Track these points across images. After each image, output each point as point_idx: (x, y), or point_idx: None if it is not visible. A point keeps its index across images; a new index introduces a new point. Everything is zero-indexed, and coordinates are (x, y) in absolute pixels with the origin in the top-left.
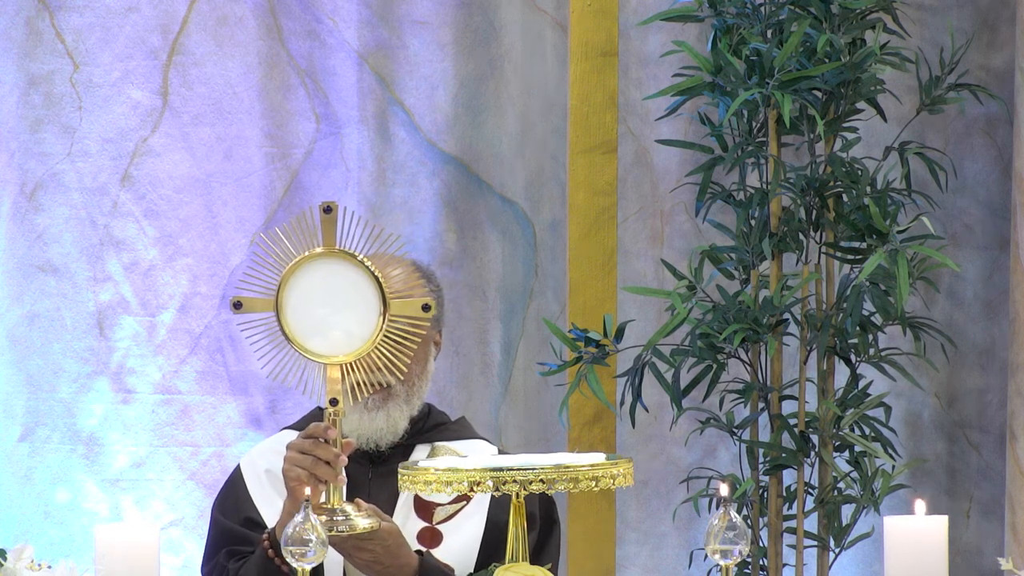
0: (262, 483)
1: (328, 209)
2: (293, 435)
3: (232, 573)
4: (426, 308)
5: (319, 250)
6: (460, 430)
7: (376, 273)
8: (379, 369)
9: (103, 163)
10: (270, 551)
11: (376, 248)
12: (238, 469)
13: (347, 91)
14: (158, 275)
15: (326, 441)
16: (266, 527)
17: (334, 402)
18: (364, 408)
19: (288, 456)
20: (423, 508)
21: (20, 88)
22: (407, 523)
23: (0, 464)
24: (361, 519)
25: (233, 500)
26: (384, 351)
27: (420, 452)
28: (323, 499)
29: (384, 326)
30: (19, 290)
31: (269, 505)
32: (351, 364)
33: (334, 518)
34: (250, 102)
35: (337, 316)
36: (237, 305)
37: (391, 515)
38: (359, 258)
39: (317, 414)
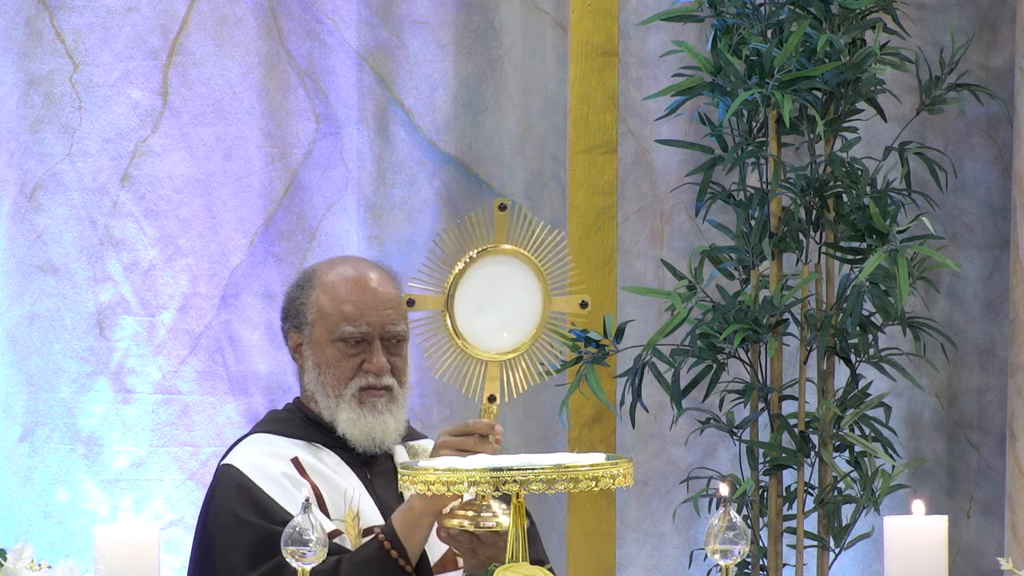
0: (283, 487)
1: (503, 207)
2: (272, 439)
3: (330, 569)
4: (583, 305)
5: (491, 247)
6: (412, 431)
7: (543, 271)
8: (534, 366)
9: (103, 163)
10: (393, 551)
11: (539, 244)
12: (240, 473)
13: (347, 91)
14: (158, 275)
15: (483, 437)
16: None
17: (492, 399)
18: (375, 411)
19: (446, 454)
20: None
21: (20, 88)
22: None
23: (0, 464)
24: (506, 517)
25: (255, 504)
26: (540, 348)
27: (400, 452)
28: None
29: (545, 323)
30: (19, 290)
31: (297, 508)
32: (510, 361)
33: (481, 514)
34: (250, 102)
35: (502, 313)
36: (410, 303)
37: None
38: (528, 254)
39: (281, 417)
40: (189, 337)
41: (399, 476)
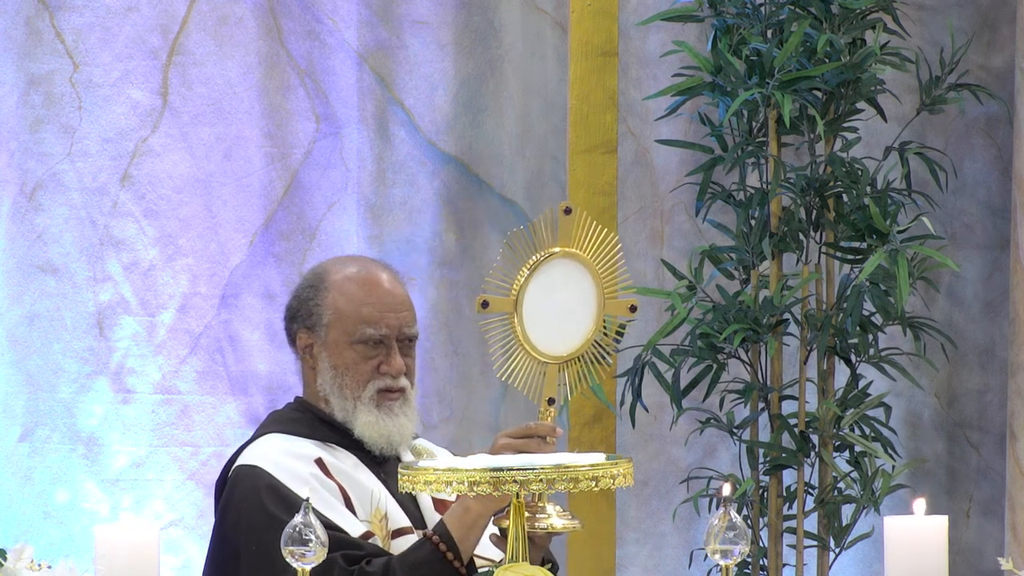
0: (315, 490)
1: (568, 210)
2: (290, 439)
3: (380, 570)
4: (633, 309)
5: (557, 250)
6: None
7: (601, 274)
8: (589, 368)
9: (103, 163)
10: (449, 554)
11: (596, 248)
12: (268, 475)
13: (347, 91)
14: (158, 275)
15: (542, 439)
16: (343, 531)
17: (551, 401)
18: (391, 413)
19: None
20: (444, 505)
21: (20, 88)
22: (435, 521)
23: (0, 464)
24: (559, 519)
25: (290, 506)
26: (594, 351)
27: (405, 453)
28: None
29: (599, 326)
30: (19, 290)
31: (332, 510)
32: (566, 363)
33: (536, 515)
34: (250, 102)
35: (562, 315)
36: (484, 304)
37: (419, 513)
38: (588, 258)
39: (290, 417)
40: (189, 337)
41: (399, 476)
